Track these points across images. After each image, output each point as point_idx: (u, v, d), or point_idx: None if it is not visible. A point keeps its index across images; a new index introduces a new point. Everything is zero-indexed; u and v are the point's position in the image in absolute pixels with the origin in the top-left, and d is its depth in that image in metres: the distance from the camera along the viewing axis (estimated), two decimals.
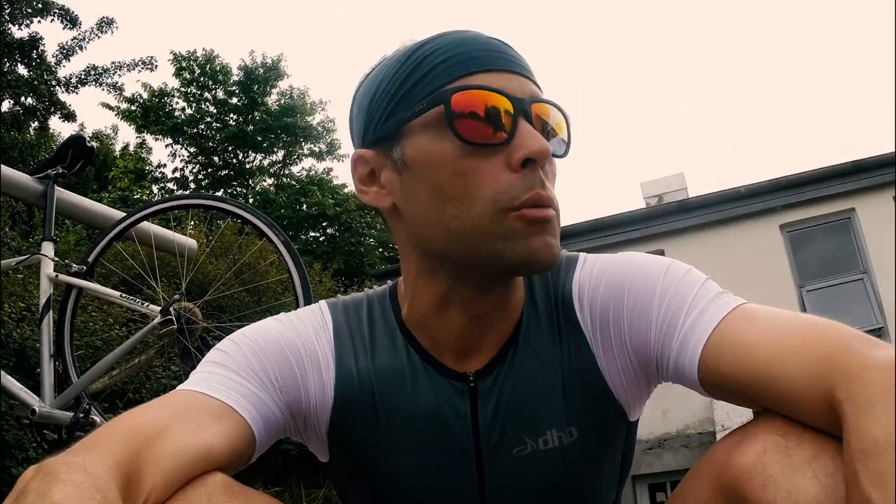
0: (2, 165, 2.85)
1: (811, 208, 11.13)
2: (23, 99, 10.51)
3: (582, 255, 1.17)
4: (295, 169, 21.02)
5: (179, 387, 1.01)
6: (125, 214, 3.11)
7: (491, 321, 1.07)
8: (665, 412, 10.05)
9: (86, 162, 3.10)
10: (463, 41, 1.01)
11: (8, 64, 9.87)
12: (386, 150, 1.04)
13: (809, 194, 11.12)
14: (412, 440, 1.06)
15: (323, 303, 1.17)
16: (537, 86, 1.03)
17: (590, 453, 1.10)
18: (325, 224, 19.55)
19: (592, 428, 1.08)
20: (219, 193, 19.50)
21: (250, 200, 19.29)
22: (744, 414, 6.61)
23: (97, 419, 2.60)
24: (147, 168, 19.36)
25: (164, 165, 20.01)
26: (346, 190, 19.94)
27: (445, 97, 0.96)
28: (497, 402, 1.06)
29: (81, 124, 17.28)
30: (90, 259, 2.93)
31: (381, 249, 20.06)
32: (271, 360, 1.04)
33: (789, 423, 0.88)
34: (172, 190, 19.48)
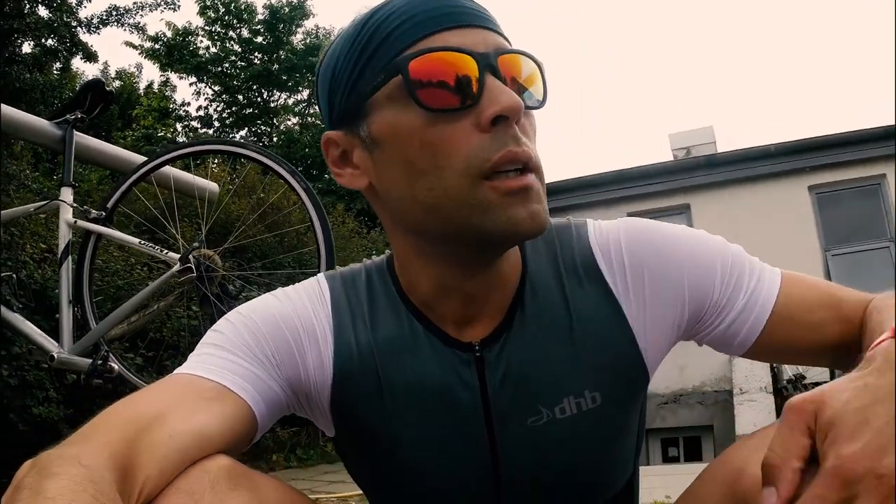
0: (19, 111, 2.82)
1: (841, 171, 10.83)
2: (44, 40, 10.41)
3: (582, 219, 1.13)
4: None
5: (176, 371, 0.98)
6: (145, 159, 3.08)
7: (489, 292, 1.03)
8: (682, 368, 10.03)
9: (105, 106, 3.06)
10: (419, 1, 0.94)
11: (28, 6, 9.76)
12: (353, 128, 0.99)
13: (840, 157, 10.81)
14: (417, 412, 1.02)
15: (321, 275, 1.13)
16: (503, 37, 0.97)
17: (611, 420, 1.06)
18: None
19: (614, 391, 1.04)
20: (243, 132, 19.49)
21: (274, 139, 19.24)
22: (761, 380, 6.60)
23: (115, 366, 2.62)
24: (171, 106, 19.26)
25: (189, 104, 20.03)
26: None
27: (402, 65, 0.91)
28: (506, 370, 1.02)
29: (105, 63, 17.21)
30: (109, 204, 2.91)
31: None
32: (267, 338, 1.01)
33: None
34: (196, 128, 19.44)
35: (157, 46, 18.27)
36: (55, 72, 10.64)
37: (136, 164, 3.06)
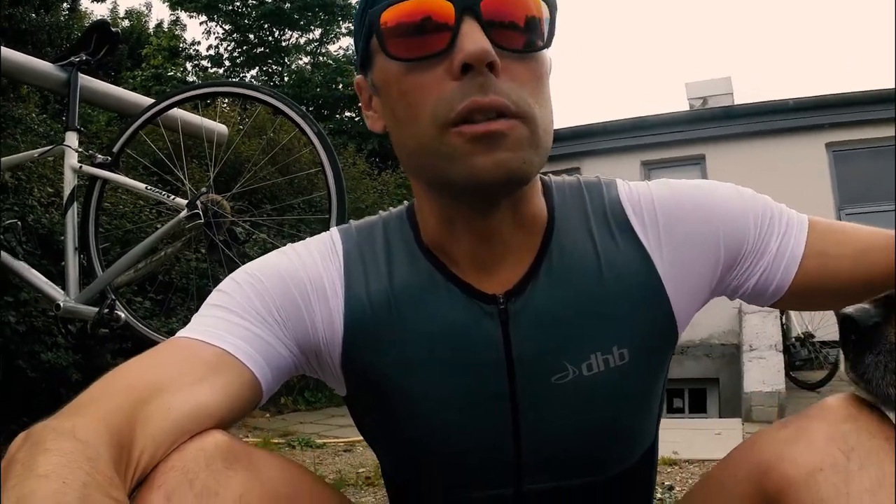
0: (21, 54, 2.74)
1: (859, 130, 10.62)
2: None
3: (610, 178, 1.11)
4: (332, 48, 20.52)
5: (178, 333, 0.95)
6: (152, 101, 3.00)
7: (504, 239, 0.99)
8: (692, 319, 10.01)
9: (111, 48, 2.98)
10: None
11: None
12: (367, 74, 1.00)
13: (859, 115, 10.58)
14: (435, 365, 0.99)
15: (334, 230, 1.10)
16: None
17: (637, 377, 1.02)
18: (360, 105, 19.28)
19: (643, 347, 1.01)
20: (253, 72, 19.26)
21: (285, 79, 19.03)
22: (772, 337, 6.58)
23: (122, 314, 2.59)
24: (181, 46, 19.01)
25: (199, 43, 19.73)
26: None
27: (375, 17, 0.90)
28: (531, 324, 0.98)
29: (114, 2, 16.89)
30: (115, 149, 2.85)
31: None
32: (274, 297, 0.98)
33: (853, 431, 0.78)
34: (206, 68, 19.20)
35: None
36: (63, 12, 10.43)
37: (143, 107, 2.99)
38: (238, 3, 18.88)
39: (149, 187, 2.79)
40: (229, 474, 0.79)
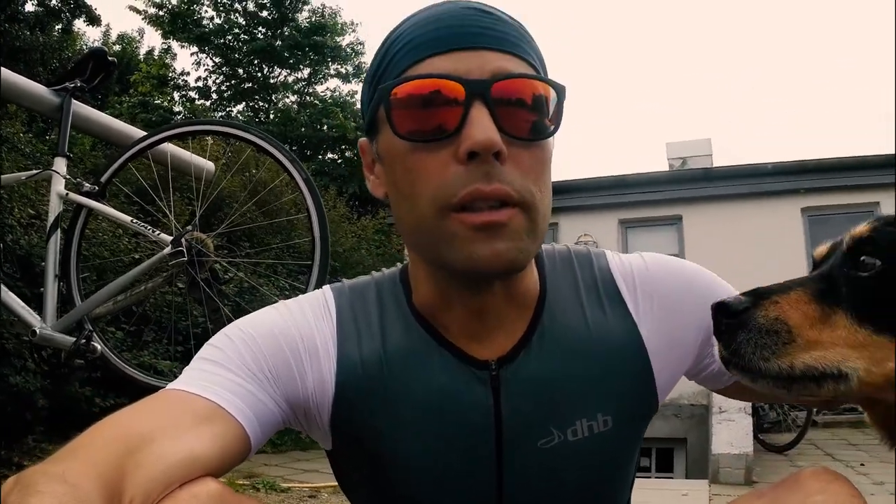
0: (19, 76, 2.73)
1: (835, 195, 10.87)
2: (47, 0, 10.21)
3: (599, 249, 1.14)
4: (319, 88, 20.78)
5: (169, 385, 0.95)
6: (144, 134, 3.00)
7: (498, 312, 1.01)
8: None
9: (106, 76, 2.98)
10: (427, 20, 0.93)
11: None
12: (372, 141, 1.01)
13: (835, 181, 10.86)
14: (424, 427, 0.99)
15: (327, 288, 1.11)
16: (521, 57, 0.93)
17: (620, 444, 1.05)
18: (344, 147, 19.38)
19: (625, 415, 1.03)
20: (240, 107, 19.36)
21: (271, 116, 19.16)
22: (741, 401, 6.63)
23: (98, 346, 2.55)
24: (170, 75, 19.13)
25: (188, 73, 19.86)
26: None
27: (385, 94, 0.91)
28: (522, 391, 1.00)
29: (107, 26, 16.97)
30: (103, 179, 2.83)
31: None
32: (266, 354, 0.98)
33: (826, 503, 0.80)
34: (194, 99, 19.30)
35: (161, 13, 18.16)
36: (56, 33, 10.45)
37: (133, 139, 2.98)
38: (230, 37, 19.05)
39: (134, 220, 2.78)
40: None
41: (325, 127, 18.79)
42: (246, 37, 19.16)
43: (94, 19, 11.33)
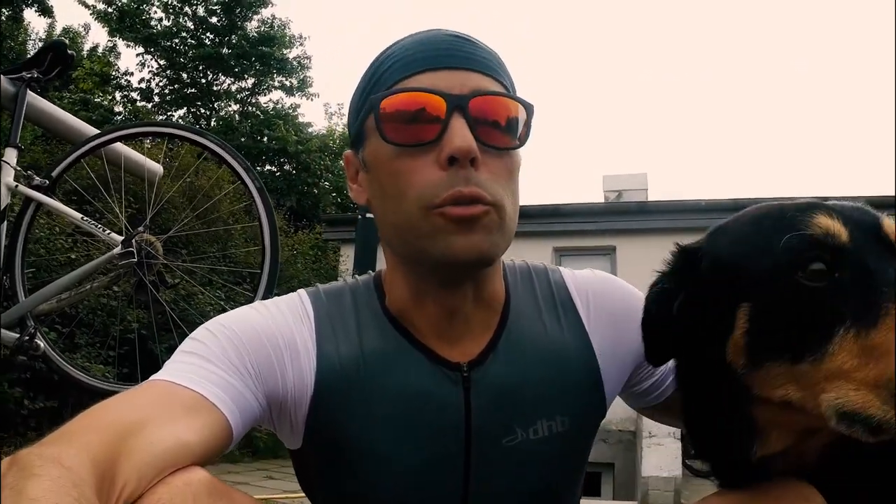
0: None
1: None
2: None
3: (553, 265, 1.24)
4: (262, 99, 20.60)
5: (154, 376, 0.97)
6: (98, 132, 2.95)
7: (468, 314, 1.08)
8: None
9: (63, 69, 2.93)
10: (416, 43, 1.05)
11: None
12: (358, 151, 1.10)
13: None
14: (397, 425, 1.05)
15: (302, 291, 1.16)
16: (497, 79, 1.04)
17: (575, 444, 1.13)
18: (283, 160, 19.25)
19: (579, 417, 1.11)
20: (181, 112, 19.03)
21: (213, 123, 18.90)
22: (670, 426, 6.79)
23: (41, 344, 2.49)
24: (113, 74, 18.68)
25: (132, 74, 19.39)
26: (310, 129, 19.65)
27: (375, 103, 1.01)
28: (489, 391, 1.07)
29: (54, 17, 16.52)
30: (54, 173, 2.77)
31: (335, 195, 19.84)
32: (248, 349, 1.01)
33: None
34: (135, 100, 18.87)
35: (109, 10, 17.73)
36: (3, 19, 10.12)
37: (85, 135, 2.94)
38: (177, 41, 18.72)
39: (85, 218, 2.72)
40: None
41: (266, 138, 18.63)
42: (193, 41, 18.88)
43: (46, 10, 11.03)
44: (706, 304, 0.90)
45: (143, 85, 19.15)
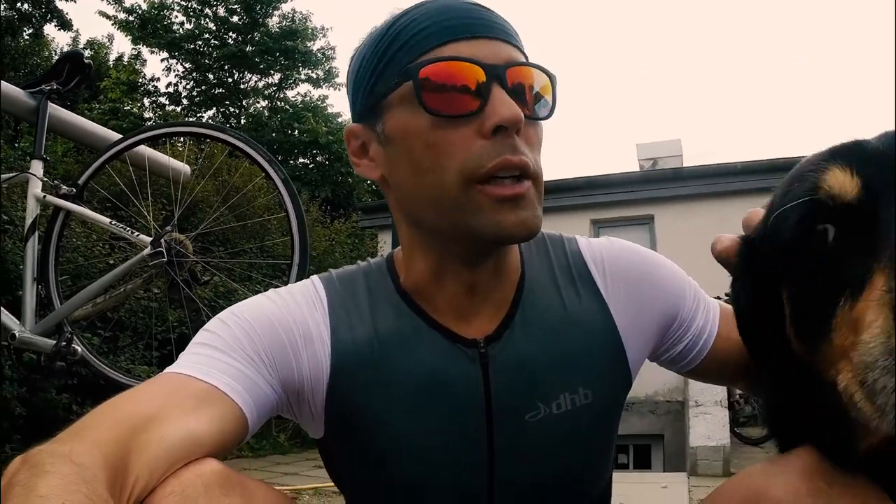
0: None
1: None
2: (18, 4, 10.08)
3: (570, 234, 1.22)
4: (290, 93, 20.70)
5: (167, 369, 0.97)
6: (121, 136, 2.99)
7: (487, 288, 1.07)
8: (637, 376, 10.10)
9: (82, 79, 2.97)
10: (439, 10, 1.00)
11: None
12: (372, 124, 1.05)
13: None
14: (418, 406, 1.04)
15: (315, 278, 1.15)
16: (519, 49, 1.02)
17: (601, 417, 1.11)
18: (315, 152, 19.31)
19: (603, 389, 1.09)
20: (211, 112, 19.23)
21: (242, 122, 19.06)
22: (717, 394, 6.72)
23: (79, 349, 2.54)
24: (140, 81, 18.95)
25: (158, 79, 19.65)
26: (339, 119, 19.68)
27: (414, 72, 0.97)
28: (509, 367, 1.05)
29: (77, 31, 16.81)
30: (81, 181, 2.83)
31: (369, 182, 19.81)
32: (262, 339, 1.01)
33: (829, 468, 0.83)
34: (164, 105, 19.14)
35: (131, 18, 17.96)
36: (25, 37, 10.33)
37: (110, 141, 2.97)
38: (200, 43, 18.90)
39: (113, 222, 2.77)
40: (226, 501, 0.81)
41: (297, 132, 18.73)
42: (216, 42, 19.02)
43: (65, 24, 11.23)
44: (763, 292, 0.84)
45: (170, 89, 19.39)
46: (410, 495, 1.06)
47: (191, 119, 18.49)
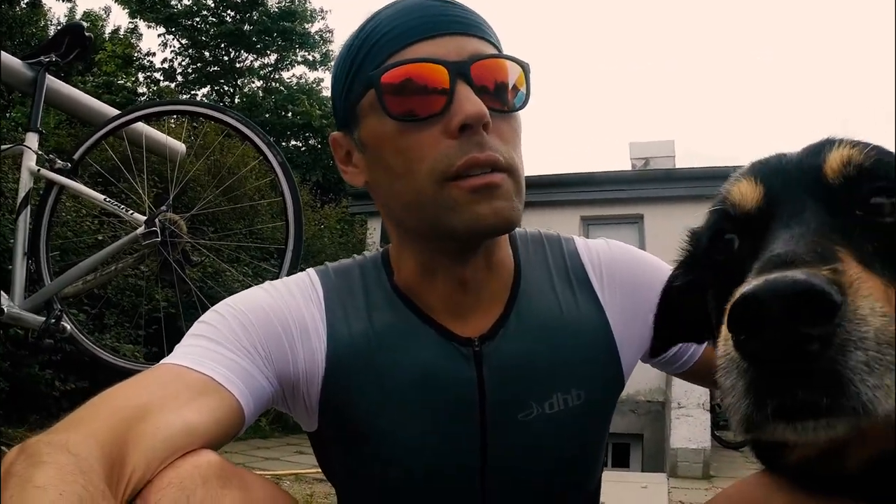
0: None
1: None
2: None
3: (567, 235, 1.22)
4: (285, 75, 20.61)
5: (163, 360, 0.97)
6: (118, 112, 2.95)
7: (479, 284, 1.07)
8: None
9: (81, 52, 2.92)
10: (401, 12, 1.01)
11: None
12: (350, 132, 1.06)
13: None
14: (412, 402, 1.04)
15: (311, 270, 1.15)
16: (489, 41, 1.02)
17: (593, 417, 1.11)
18: (308, 135, 19.26)
19: (596, 390, 1.10)
20: (205, 90, 19.09)
21: (236, 101, 18.97)
22: (699, 397, 6.74)
23: (67, 326, 2.51)
24: (135, 55, 18.77)
25: (154, 54, 19.53)
26: None
27: (375, 79, 0.97)
28: (502, 366, 1.05)
29: (74, 2, 16.59)
30: (76, 156, 2.78)
31: None
32: (258, 330, 1.01)
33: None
34: (158, 80, 18.98)
35: None
36: (23, 5, 10.18)
37: (106, 116, 2.93)
38: (198, 19, 18.74)
39: (107, 199, 2.72)
40: (224, 493, 0.81)
41: (291, 114, 18.66)
42: (214, 19, 18.89)
43: None
44: (700, 291, 0.85)
45: (165, 65, 19.28)
46: (403, 489, 1.07)
47: (185, 96, 18.38)
